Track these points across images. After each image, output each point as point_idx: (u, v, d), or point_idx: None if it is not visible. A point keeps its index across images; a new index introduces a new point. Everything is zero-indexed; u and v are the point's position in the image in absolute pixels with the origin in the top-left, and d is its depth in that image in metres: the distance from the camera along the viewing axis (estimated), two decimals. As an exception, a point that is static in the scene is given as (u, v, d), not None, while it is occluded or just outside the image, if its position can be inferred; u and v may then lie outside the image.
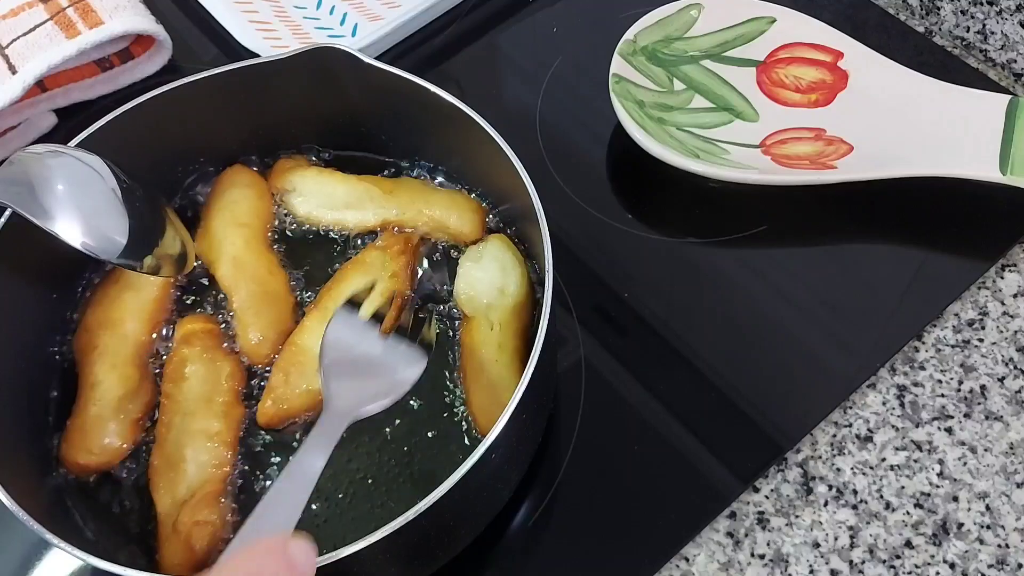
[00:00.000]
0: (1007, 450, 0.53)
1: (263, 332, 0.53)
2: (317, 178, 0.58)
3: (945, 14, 0.70)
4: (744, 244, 0.61)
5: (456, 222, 0.56)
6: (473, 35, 0.73)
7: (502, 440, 0.42)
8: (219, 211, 0.56)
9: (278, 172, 0.59)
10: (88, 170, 0.49)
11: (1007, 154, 0.58)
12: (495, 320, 0.51)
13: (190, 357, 0.51)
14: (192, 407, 0.50)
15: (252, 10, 0.72)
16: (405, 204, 0.57)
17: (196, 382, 0.51)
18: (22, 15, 0.67)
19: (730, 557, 0.50)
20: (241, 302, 0.54)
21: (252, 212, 0.57)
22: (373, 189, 0.57)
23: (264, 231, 0.57)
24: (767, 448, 0.53)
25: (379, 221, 0.57)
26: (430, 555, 0.47)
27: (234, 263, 0.55)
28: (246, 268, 0.54)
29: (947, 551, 0.50)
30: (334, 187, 0.57)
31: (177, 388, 0.51)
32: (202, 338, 0.52)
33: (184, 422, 0.49)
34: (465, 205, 0.57)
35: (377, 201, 0.57)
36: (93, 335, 0.52)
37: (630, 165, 0.64)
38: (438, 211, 0.56)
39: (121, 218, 0.49)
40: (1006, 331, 0.58)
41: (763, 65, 0.67)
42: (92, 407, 0.50)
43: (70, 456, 0.49)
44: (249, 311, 0.53)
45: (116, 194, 0.49)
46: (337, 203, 0.57)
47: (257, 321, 0.53)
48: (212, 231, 0.56)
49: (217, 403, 0.50)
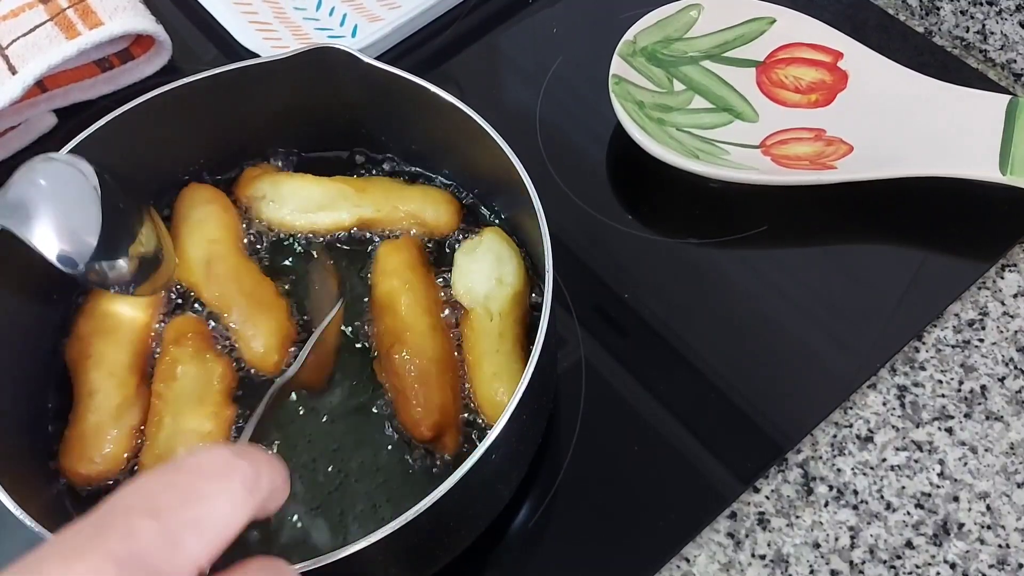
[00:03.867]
0: (1007, 450, 0.53)
1: (266, 342, 0.52)
2: (288, 182, 0.57)
3: (945, 14, 0.70)
4: (744, 244, 0.61)
5: (432, 215, 0.56)
6: (473, 35, 0.73)
7: (502, 440, 0.42)
8: (188, 233, 0.55)
9: (246, 180, 0.58)
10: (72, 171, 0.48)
11: (1007, 154, 0.58)
12: (495, 311, 0.51)
13: (181, 357, 0.51)
14: (183, 407, 0.50)
15: (252, 10, 0.72)
16: (379, 201, 0.56)
17: (187, 382, 0.50)
18: (22, 16, 0.67)
19: (731, 557, 0.50)
20: (236, 318, 0.53)
21: (221, 226, 0.55)
22: (346, 188, 0.57)
23: (237, 242, 0.56)
24: (767, 448, 0.53)
25: (354, 220, 0.56)
26: (430, 555, 0.47)
27: (217, 282, 0.54)
28: (231, 284, 0.54)
29: (948, 551, 0.50)
30: (307, 189, 0.57)
31: (168, 388, 0.50)
32: (192, 339, 0.52)
33: (175, 422, 0.49)
34: (440, 198, 0.57)
35: (351, 200, 0.56)
36: (86, 343, 0.52)
37: (630, 165, 0.64)
38: (413, 206, 0.56)
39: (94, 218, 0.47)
40: (1006, 331, 0.58)
41: (763, 65, 0.67)
42: (91, 416, 0.50)
43: (71, 467, 0.49)
44: (247, 324, 0.53)
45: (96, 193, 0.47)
46: (311, 205, 0.56)
47: (257, 333, 0.53)
48: (186, 255, 0.54)
49: (208, 403, 0.50)
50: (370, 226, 0.57)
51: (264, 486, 0.29)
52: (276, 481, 0.30)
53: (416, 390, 0.49)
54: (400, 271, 0.53)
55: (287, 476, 0.31)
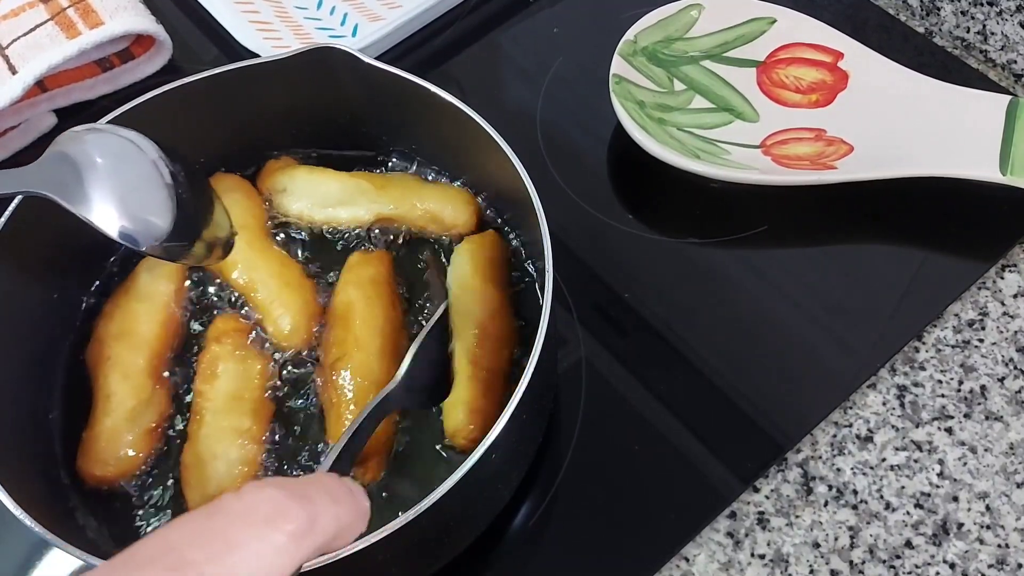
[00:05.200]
0: (1007, 450, 0.53)
1: (294, 319, 0.53)
2: (308, 176, 0.58)
3: (945, 14, 0.70)
4: (744, 244, 0.61)
5: (451, 214, 0.56)
6: (473, 35, 0.73)
7: (502, 440, 0.42)
8: None
9: (268, 172, 0.58)
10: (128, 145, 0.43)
11: (1007, 154, 0.58)
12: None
13: (222, 355, 0.52)
14: (223, 404, 0.50)
15: (252, 10, 0.72)
16: (398, 198, 0.57)
17: (227, 380, 0.51)
18: (23, 15, 0.67)
19: (730, 557, 0.50)
20: (263, 298, 0.54)
21: (247, 213, 0.56)
22: (365, 184, 0.57)
23: (263, 229, 0.57)
24: (767, 448, 0.53)
25: (373, 216, 0.57)
26: (430, 555, 0.47)
27: (245, 265, 0.54)
28: (258, 267, 0.54)
29: (947, 551, 0.50)
30: (326, 184, 0.57)
31: (209, 386, 0.51)
32: (233, 336, 0.52)
33: (216, 419, 0.50)
34: (458, 197, 0.57)
35: (370, 196, 0.57)
36: (105, 346, 0.52)
37: (630, 165, 0.64)
38: (432, 204, 0.56)
39: (165, 199, 0.43)
40: (1006, 331, 0.58)
41: (763, 65, 0.67)
42: (107, 419, 0.50)
43: (87, 468, 0.49)
44: (275, 303, 0.53)
45: (159, 170, 0.43)
46: (330, 200, 0.57)
47: (285, 311, 0.53)
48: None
49: (247, 400, 0.51)
50: (389, 223, 0.57)
51: (323, 530, 0.27)
52: (343, 519, 0.28)
53: (353, 413, 0.49)
54: (364, 284, 0.53)
55: (363, 510, 0.28)
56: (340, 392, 0.49)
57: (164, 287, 0.54)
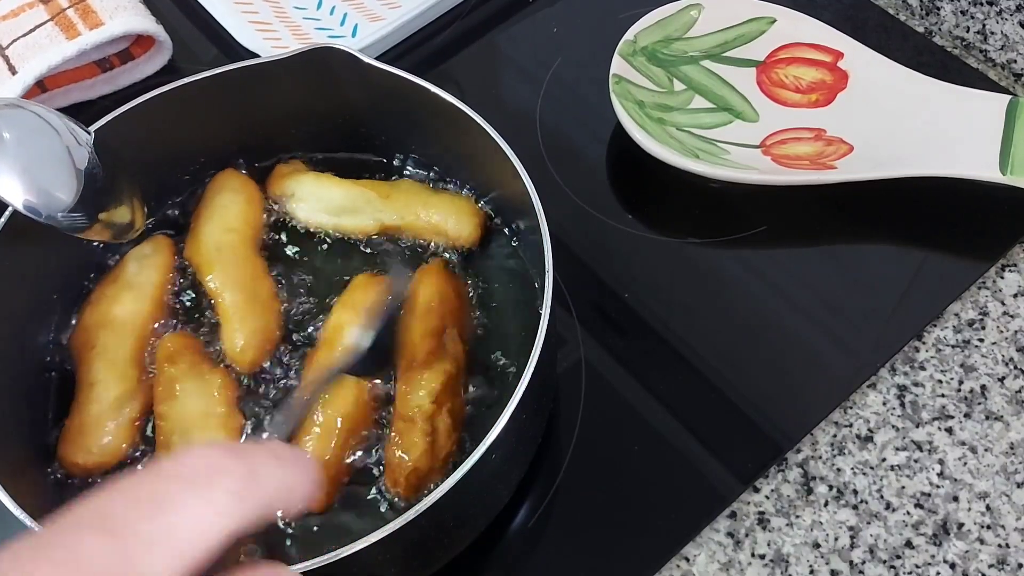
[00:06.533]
0: (1007, 450, 0.53)
1: (247, 339, 0.52)
2: (315, 183, 0.57)
3: (945, 14, 0.70)
4: (744, 244, 0.61)
5: (454, 226, 0.56)
6: (473, 35, 0.73)
7: (502, 440, 0.42)
8: (208, 216, 0.56)
9: (276, 177, 0.58)
10: (37, 120, 0.46)
11: (1007, 154, 0.58)
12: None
13: (177, 376, 0.51)
14: (188, 424, 0.49)
15: (252, 10, 0.72)
16: (403, 208, 0.56)
17: (188, 399, 0.50)
18: (22, 16, 0.67)
19: (730, 557, 0.50)
20: (226, 308, 0.53)
21: (241, 218, 0.56)
22: (370, 193, 0.56)
23: (253, 237, 0.56)
24: (767, 448, 0.53)
25: (378, 226, 0.56)
26: (430, 555, 0.47)
27: (221, 269, 0.54)
28: (232, 274, 0.54)
29: (947, 551, 0.50)
30: (332, 192, 0.57)
31: (170, 408, 0.50)
32: (185, 355, 0.52)
33: (183, 440, 0.49)
34: (464, 209, 0.56)
35: (375, 205, 0.56)
36: (91, 334, 0.52)
37: (630, 165, 0.64)
38: (436, 215, 0.56)
39: (70, 173, 0.45)
40: (1006, 331, 0.58)
41: (763, 65, 0.67)
42: (91, 406, 0.50)
43: (68, 456, 0.49)
44: (235, 317, 0.53)
45: (66, 145, 0.46)
46: (335, 208, 0.57)
47: (242, 328, 0.52)
48: (200, 236, 0.55)
49: (213, 416, 0.50)
50: (394, 233, 0.57)
51: (264, 488, 0.26)
52: (286, 480, 0.27)
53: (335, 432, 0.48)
54: (358, 310, 0.52)
55: (308, 471, 0.28)
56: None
57: (151, 277, 0.54)
